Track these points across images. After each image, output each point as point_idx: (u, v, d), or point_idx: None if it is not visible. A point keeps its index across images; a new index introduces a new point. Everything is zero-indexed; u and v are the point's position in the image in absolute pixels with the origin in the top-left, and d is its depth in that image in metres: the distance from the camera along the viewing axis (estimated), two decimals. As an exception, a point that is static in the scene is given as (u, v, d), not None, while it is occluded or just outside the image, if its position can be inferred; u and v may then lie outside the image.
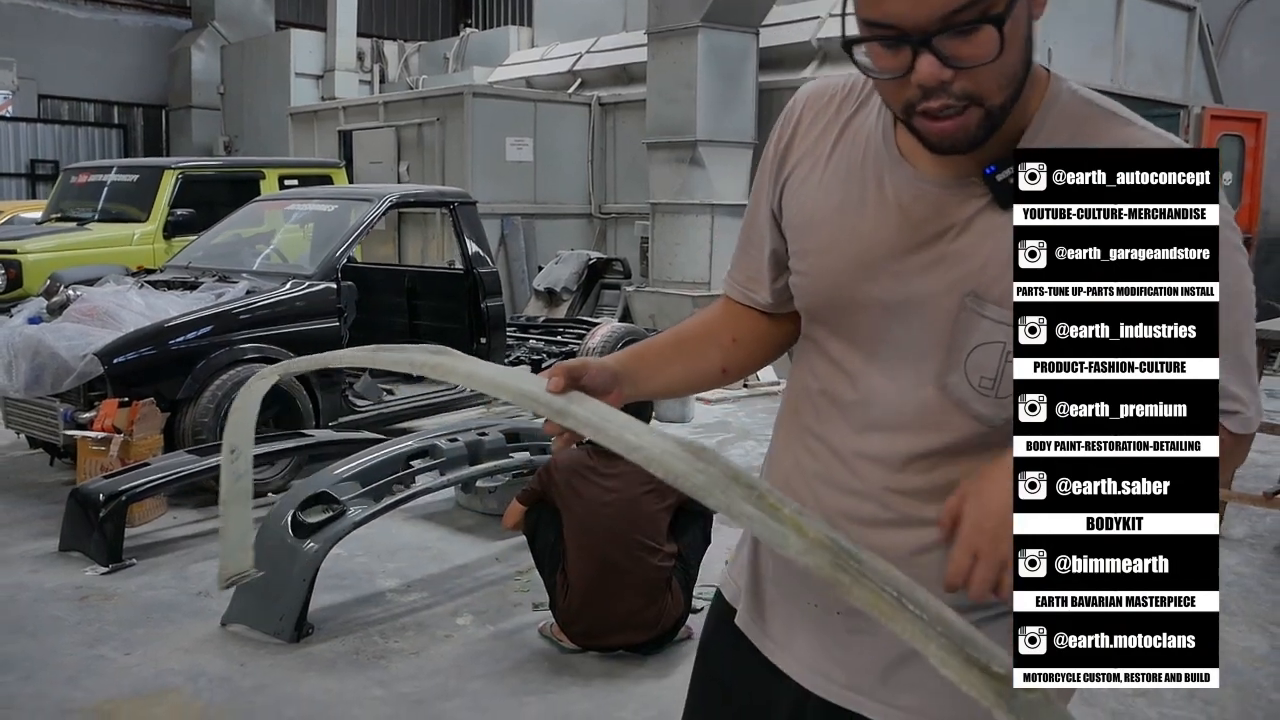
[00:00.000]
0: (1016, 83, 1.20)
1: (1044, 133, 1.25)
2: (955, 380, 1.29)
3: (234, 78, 17.36)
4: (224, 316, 5.77)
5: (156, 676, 3.59)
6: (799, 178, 1.39)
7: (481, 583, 4.51)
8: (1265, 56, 12.88)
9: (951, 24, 1.11)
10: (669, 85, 10.00)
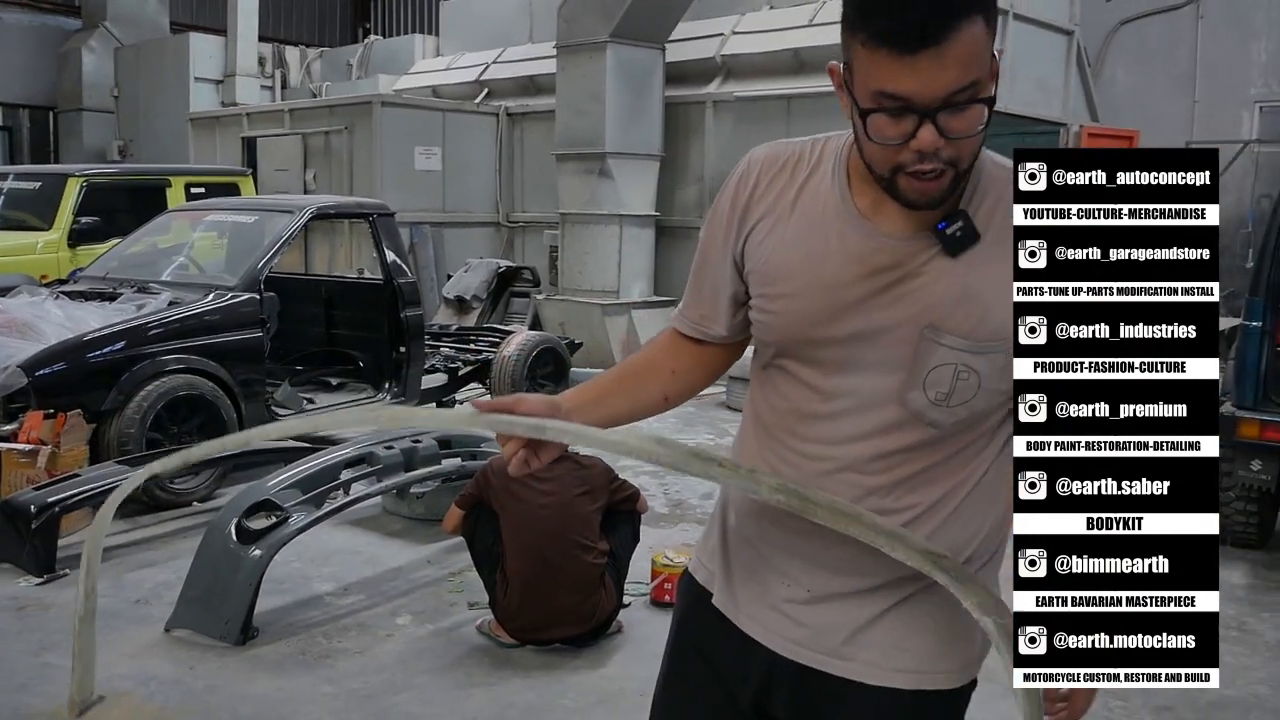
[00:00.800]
0: (976, 159, 1.44)
1: (978, 194, 1.48)
2: (914, 396, 1.50)
3: (129, 80, 17.03)
4: (147, 328, 5.82)
5: (107, 681, 3.68)
6: (763, 231, 1.57)
7: (416, 584, 4.69)
8: (1137, 77, 13.65)
9: (951, 103, 1.33)
10: (578, 98, 10.24)
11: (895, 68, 1.33)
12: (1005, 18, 10.87)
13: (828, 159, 1.55)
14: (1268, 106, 12.97)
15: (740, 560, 1.68)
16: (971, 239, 1.45)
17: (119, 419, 5.57)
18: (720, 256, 1.63)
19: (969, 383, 1.48)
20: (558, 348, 8.40)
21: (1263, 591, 4.83)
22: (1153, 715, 3.59)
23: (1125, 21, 13.72)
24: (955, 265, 1.46)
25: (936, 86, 1.33)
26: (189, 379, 5.82)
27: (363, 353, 7.53)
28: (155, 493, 5.55)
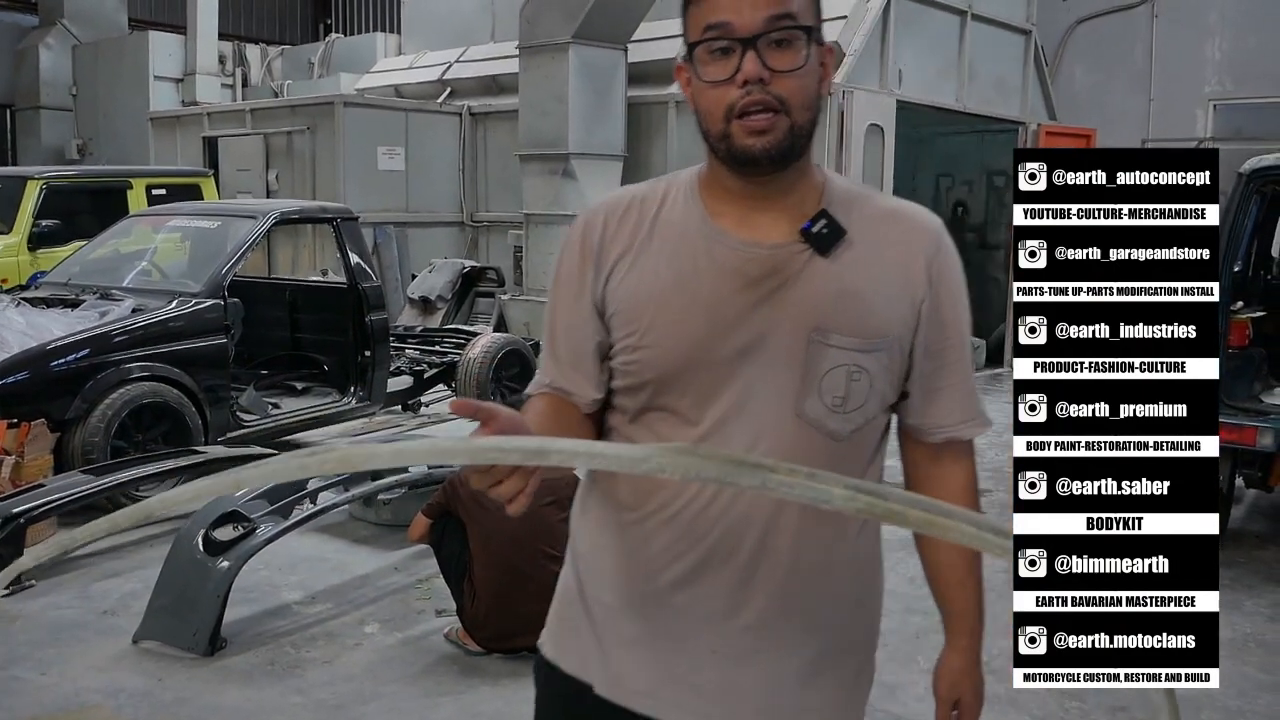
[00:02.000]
0: (813, 113, 1.46)
1: (834, 199, 1.52)
2: (811, 404, 1.48)
3: (87, 79, 16.85)
4: (111, 336, 5.81)
5: (76, 694, 3.71)
6: (623, 269, 1.51)
7: (384, 592, 4.72)
8: (1094, 76, 13.84)
9: (771, 29, 1.39)
10: (541, 99, 10.26)
11: (712, 2, 1.41)
12: (964, 18, 11.02)
13: (675, 190, 1.55)
14: (1222, 104, 13.20)
15: (623, 636, 1.58)
16: (838, 234, 1.48)
17: (83, 428, 5.56)
18: (578, 314, 1.55)
19: (861, 384, 1.49)
20: (523, 350, 8.43)
21: (1213, 588, 4.96)
22: (1107, 715, 3.69)
23: (1082, 21, 13.91)
24: (830, 265, 1.49)
25: (755, 12, 1.39)
26: (153, 386, 5.82)
27: (328, 356, 7.54)
28: (121, 501, 5.52)
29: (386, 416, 8.32)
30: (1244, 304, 5.74)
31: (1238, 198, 5.25)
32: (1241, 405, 5.21)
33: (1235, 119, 13.12)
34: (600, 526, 1.62)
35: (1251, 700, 3.83)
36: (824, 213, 1.50)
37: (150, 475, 5.33)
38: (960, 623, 1.66)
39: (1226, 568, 5.23)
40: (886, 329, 1.49)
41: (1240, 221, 5.29)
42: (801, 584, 1.52)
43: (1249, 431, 5.00)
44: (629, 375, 1.53)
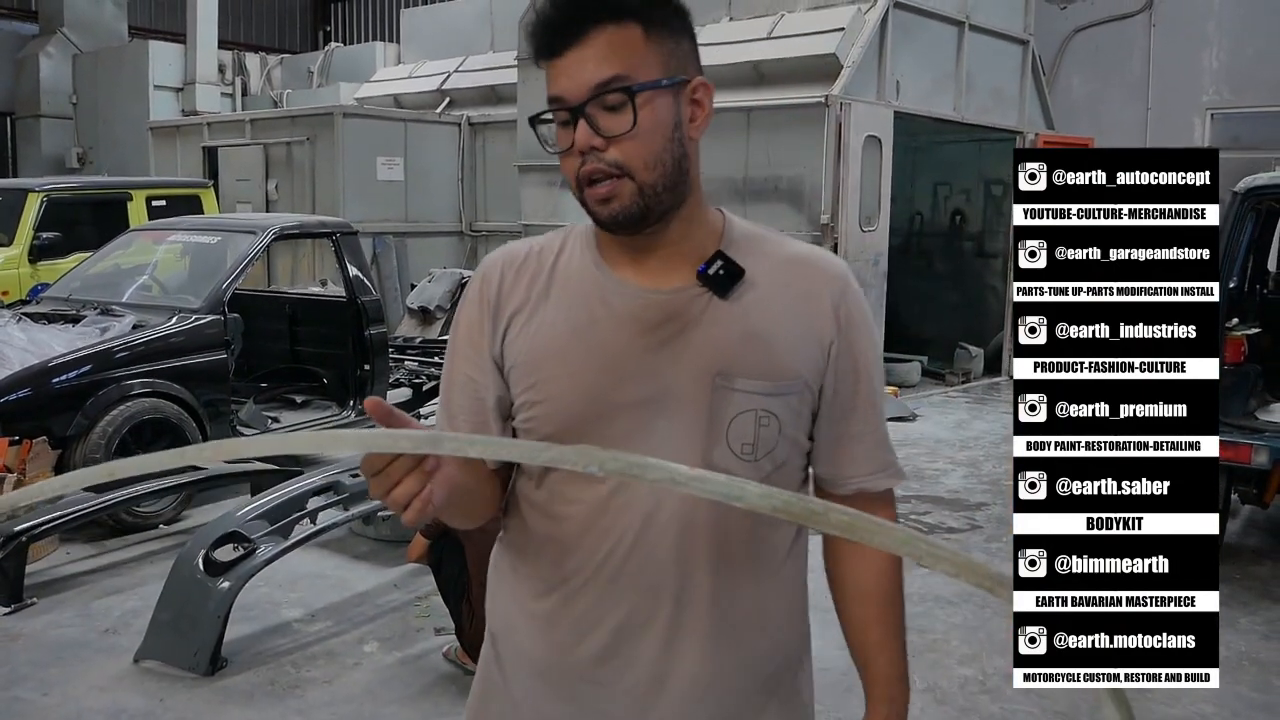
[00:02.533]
0: (664, 168, 1.41)
1: (734, 241, 1.50)
2: (720, 453, 1.43)
3: (87, 88, 16.89)
4: (112, 352, 5.83)
5: (78, 715, 3.74)
6: (520, 323, 1.49)
7: (383, 609, 4.75)
8: (1092, 84, 13.87)
9: (597, 95, 1.36)
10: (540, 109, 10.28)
11: (551, 75, 1.41)
12: (961, 28, 11.04)
13: (573, 240, 1.53)
14: (1219, 113, 13.22)
15: (546, 718, 1.55)
16: (736, 274, 1.46)
17: (84, 444, 5.59)
18: (477, 368, 1.51)
19: (770, 429, 1.45)
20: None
21: (1208, 604, 4.98)
22: (1099, 733, 3.71)
23: (1079, 30, 13.94)
24: (732, 308, 1.46)
25: (580, 80, 1.38)
26: (154, 402, 5.85)
27: (327, 370, 7.57)
28: (121, 517, 5.57)
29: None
30: (1239, 320, 5.77)
31: (1233, 215, 5.28)
32: (1237, 423, 5.23)
33: (1233, 128, 13.15)
34: (513, 601, 1.57)
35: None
36: (720, 254, 1.47)
37: (151, 491, 5.36)
38: (880, 689, 1.56)
39: (1221, 584, 5.24)
40: (794, 371, 1.46)
41: (1235, 238, 5.33)
42: (732, 631, 1.48)
43: (1244, 449, 5.02)
44: (529, 433, 1.48)
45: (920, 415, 9.52)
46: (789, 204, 9.87)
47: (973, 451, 8.13)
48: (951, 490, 7.00)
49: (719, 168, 10.27)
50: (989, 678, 4.08)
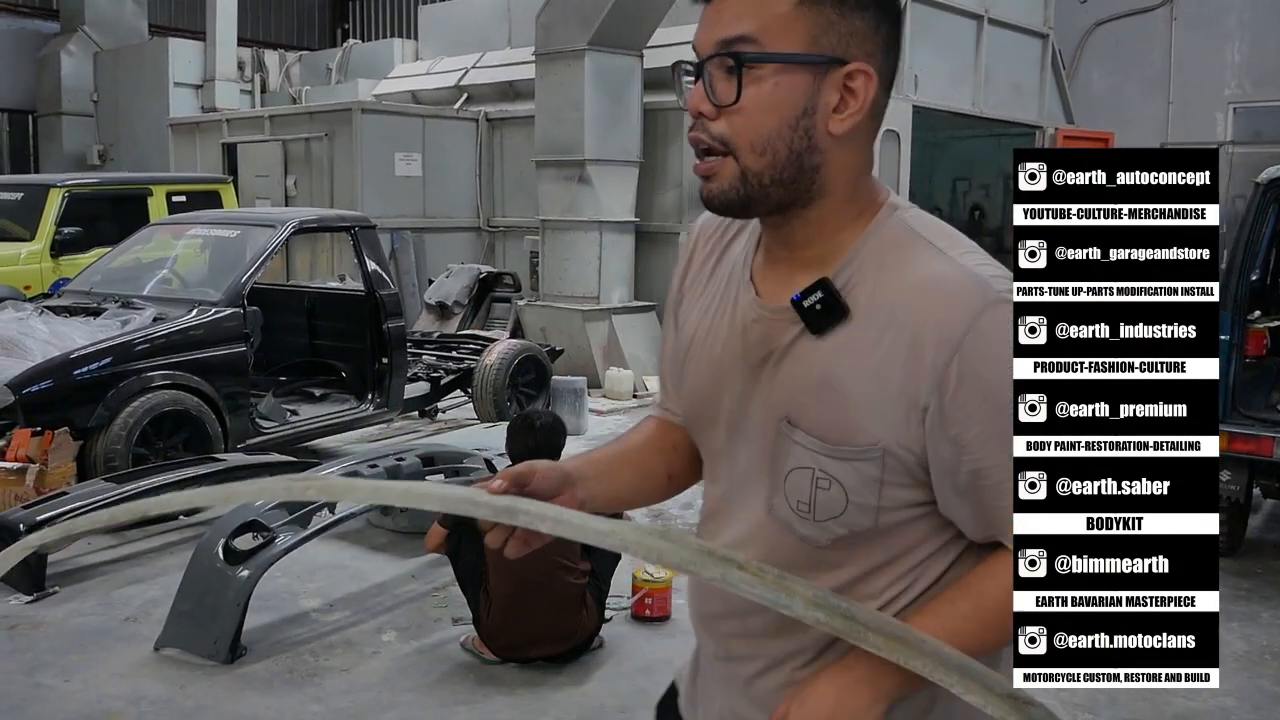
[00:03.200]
0: (775, 157, 1.22)
1: (855, 263, 1.27)
2: (779, 502, 1.30)
3: (108, 85, 16.99)
4: (133, 344, 5.87)
5: (99, 701, 3.76)
6: (689, 302, 1.44)
7: (400, 600, 4.76)
8: (1112, 79, 13.80)
9: (718, 54, 1.20)
10: (557, 105, 10.30)
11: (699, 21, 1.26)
12: (981, 22, 11.01)
13: (755, 222, 1.38)
14: (1241, 107, 13.14)
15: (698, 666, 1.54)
16: (837, 313, 1.24)
17: (105, 435, 5.62)
18: (669, 335, 1.50)
19: (831, 494, 1.26)
20: (539, 356, 8.48)
21: (1232, 601, 4.94)
22: (1118, 725, 3.70)
23: (1100, 23, 13.88)
24: (820, 346, 1.26)
25: (710, 33, 1.22)
26: (174, 394, 5.88)
27: (346, 363, 7.59)
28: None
29: (403, 422, 8.37)
30: (1261, 313, 5.74)
31: (1255, 207, 5.24)
32: (1259, 416, 5.20)
33: (1255, 122, 13.07)
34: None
35: (1267, 714, 3.83)
36: (822, 282, 1.25)
37: (171, 483, 5.39)
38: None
39: (1243, 578, 5.22)
40: (867, 434, 1.23)
41: (1257, 230, 5.28)
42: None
43: (1266, 442, 4.99)
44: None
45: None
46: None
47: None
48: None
49: (736, 163, 10.26)
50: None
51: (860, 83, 1.23)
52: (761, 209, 1.27)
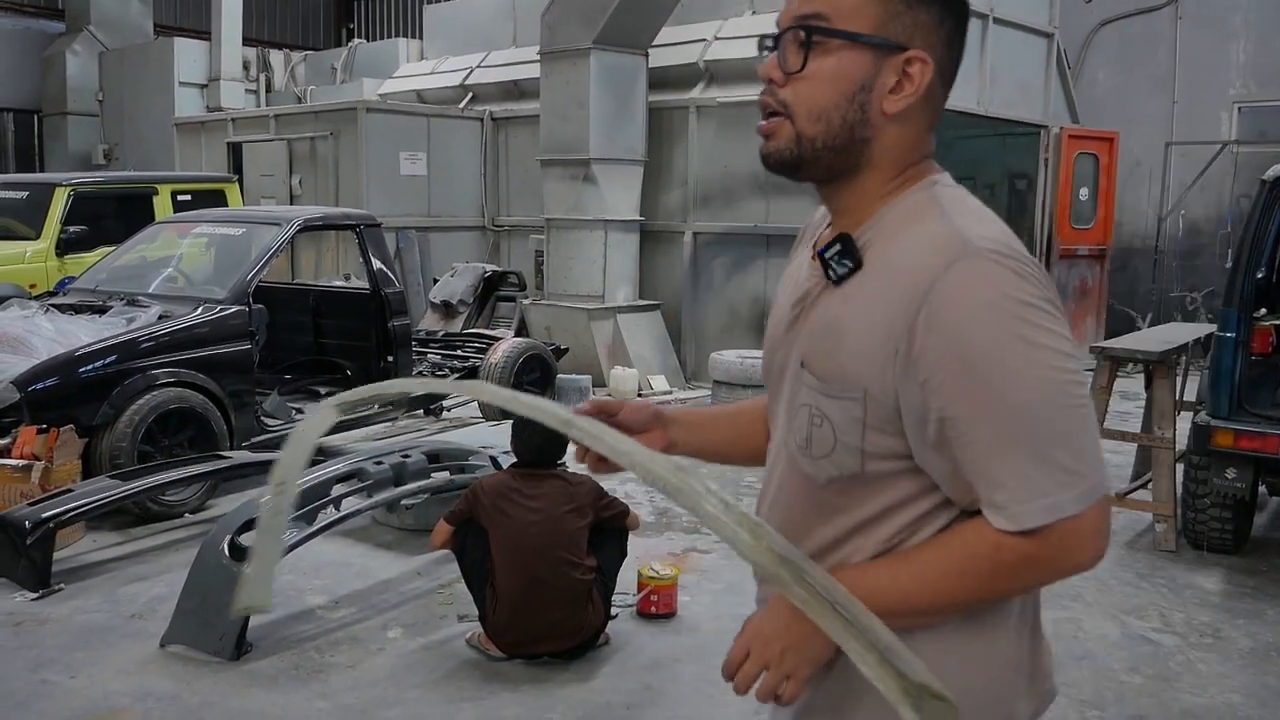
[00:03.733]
0: (829, 125, 1.34)
1: (878, 225, 1.37)
2: (790, 438, 1.44)
3: (113, 85, 17.01)
4: (138, 342, 5.88)
5: (105, 698, 3.77)
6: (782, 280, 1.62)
7: (406, 597, 4.76)
8: (1117, 78, 13.76)
9: (793, 27, 1.34)
10: (562, 104, 10.31)
11: None
12: (986, 21, 10.98)
13: None
14: (1246, 107, 13.09)
15: None
16: (852, 264, 1.35)
17: (110, 433, 5.63)
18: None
19: (823, 431, 1.36)
20: (544, 354, 8.48)
21: (1237, 598, 4.94)
22: (1126, 722, 3.69)
23: (1105, 23, 13.83)
24: (834, 295, 1.37)
25: (790, 9, 1.36)
26: (179, 392, 5.89)
27: (351, 361, 7.60)
28: (147, 505, 5.61)
29: (408, 421, 8.37)
30: (1267, 311, 5.72)
31: (1261, 205, 5.22)
32: (1265, 413, 5.19)
33: (1260, 122, 13.02)
34: None
35: (1273, 711, 3.82)
36: (842, 236, 1.37)
37: (176, 480, 5.40)
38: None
39: (1249, 575, 5.21)
40: (854, 376, 1.31)
41: (1263, 228, 5.27)
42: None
43: (1272, 439, 4.98)
44: None
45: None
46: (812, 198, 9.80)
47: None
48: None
49: (743, 162, 10.25)
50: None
51: (917, 69, 1.34)
52: (813, 172, 1.39)
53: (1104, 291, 12.18)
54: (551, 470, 4.11)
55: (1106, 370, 5.79)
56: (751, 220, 10.21)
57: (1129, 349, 5.85)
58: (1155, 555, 5.49)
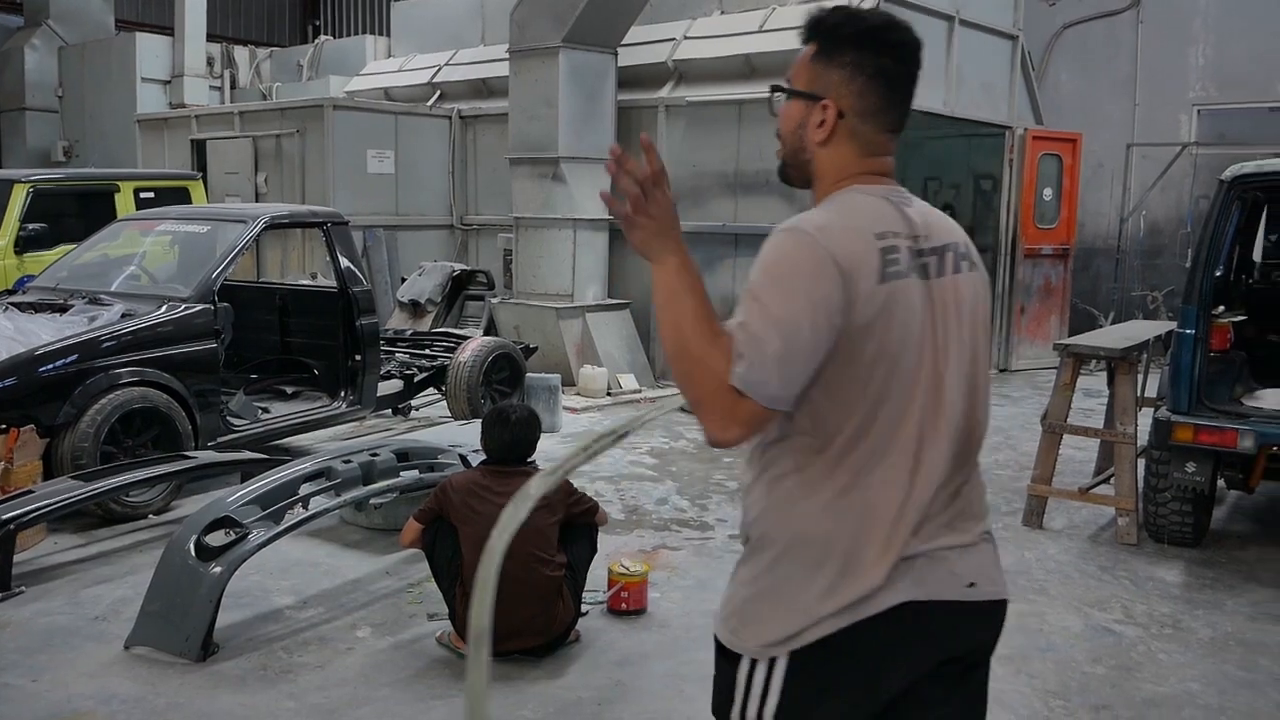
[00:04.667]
0: (788, 148, 1.95)
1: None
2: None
3: (73, 80, 16.79)
4: (100, 341, 5.81)
5: (68, 701, 3.72)
6: None
7: (375, 596, 4.74)
8: (1080, 81, 13.90)
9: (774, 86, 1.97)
10: (531, 103, 10.29)
11: None
12: (951, 23, 11.06)
13: None
14: (1205, 110, 13.27)
15: None
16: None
17: (72, 433, 5.56)
18: None
19: None
20: (513, 353, 8.46)
21: (1197, 590, 5.01)
22: (1090, 714, 3.73)
23: (1068, 25, 13.97)
24: None
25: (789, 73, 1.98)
26: (143, 391, 5.82)
27: (318, 361, 7.54)
28: (110, 506, 5.54)
29: (376, 420, 8.34)
30: (1225, 308, 5.80)
31: (1219, 203, 5.30)
32: (1223, 408, 5.27)
33: (1218, 124, 13.20)
34: None
35: (1232, 698, 3.88)
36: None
37: (140, 480, 5.34)
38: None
39: (1207, 567, 5.30)
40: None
41: (1222, 226, 5.35)
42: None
43: (1230, 434, 5.06)
44: None
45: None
46: (781, 197, 9.86)
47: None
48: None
49: (711, 162, 10.28)
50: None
51: (829, 113, 1.89)
52: (795, 181, 1.98)
53: (1068, 290, 12.30)
54: (521, 467, 4.11)
55: (1070, 367, 5.85)
56: (720, 219, 10.23)
57: (1092, 346, 5.92)
58: (1117, 549, 5.57)
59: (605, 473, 6.88)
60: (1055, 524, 5.98)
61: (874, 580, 1.74)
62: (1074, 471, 6.84)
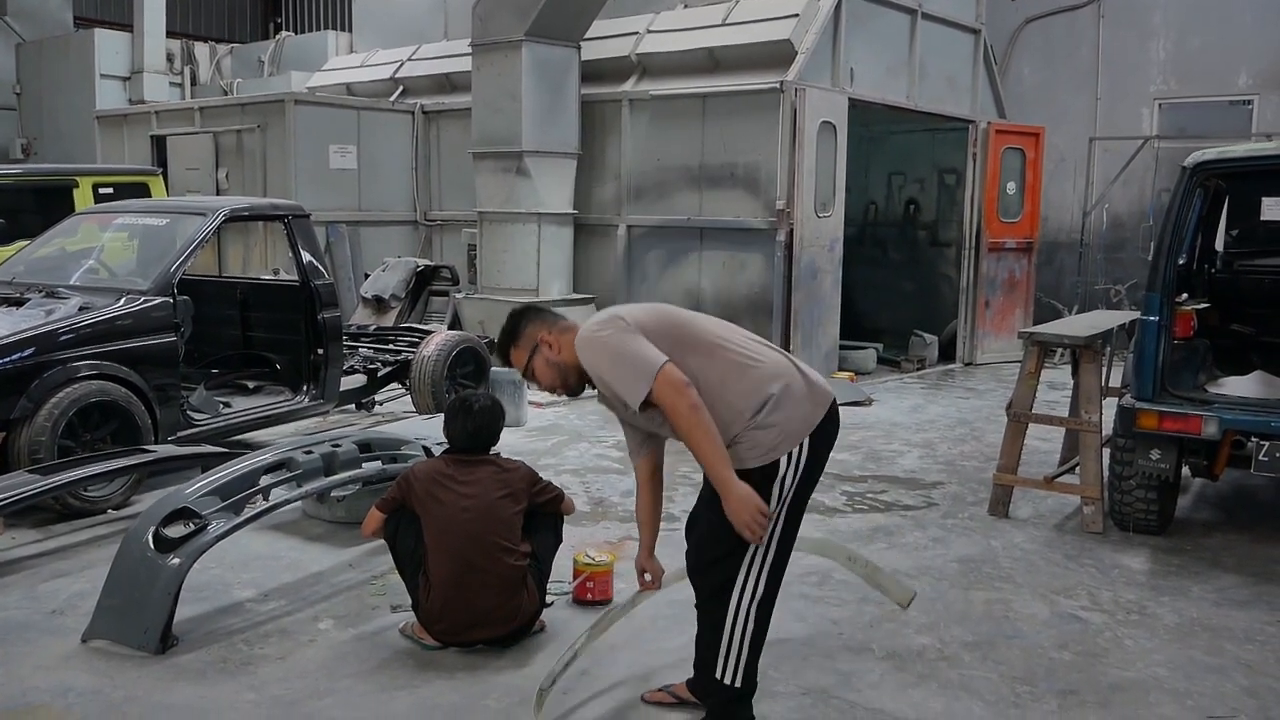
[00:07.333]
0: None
1: None
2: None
3: (31, 77, 16.56)
4: (57, 334, 5.70)
5: (23, 694, 3.64)
6: None
7: (338, 589, 4.68)
8: (1042, 75, 14.01)
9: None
10: (494, 96, 10.24)
11: None
12: (914, 17, 11.11)
13: None
14: (1166, 103, 13.40)
15: None
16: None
17: (29, 427, 5.46)
18: None
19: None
20: (478, 347, 8.41)
21: (1162, 576, 5.04)
22: (1057, 699, 3.74)
23: (1030, 20, 14.08)
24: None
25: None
26: (101, 385, 5.73)
27: (280, 355, 7.46)
28: (68, 500, 5.45)
29: (340, 415, 8.26)
30: (1189, 296, 5.84)
31: (1182, 191, 5.33)
32: (1187, 395, 5.30)
33: (1179, 118, 13.34)
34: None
35: (1197, 683, 3.89)
36: None
37: (98, 474, 5.25)
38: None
39: (1173, 555, 5.32)
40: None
41: (1184, 214, 5.38)
42: None
43: (1194, 420, 5.08)
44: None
45: (876, 400, 9.57)
46: (745, 190, 9.87)
47: (928, 434, 8.18)
48: (908, 470, 7.04)
49: (676, 155, 10.26)
50: (947, 645, 4.09)
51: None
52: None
53: (1031, 284, 12.38)
54: (485, 456, 4.07)
55: (1034, 356, 5.87)
56: (685, 213, 10.22)
57: (1057, 334, 5.94)
58: (1083, 537, 5.59)
59: (570, 466, 6.84)
60: (1021, 513, 6.00)
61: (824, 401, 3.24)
62: (1039, 462, 6.87)
